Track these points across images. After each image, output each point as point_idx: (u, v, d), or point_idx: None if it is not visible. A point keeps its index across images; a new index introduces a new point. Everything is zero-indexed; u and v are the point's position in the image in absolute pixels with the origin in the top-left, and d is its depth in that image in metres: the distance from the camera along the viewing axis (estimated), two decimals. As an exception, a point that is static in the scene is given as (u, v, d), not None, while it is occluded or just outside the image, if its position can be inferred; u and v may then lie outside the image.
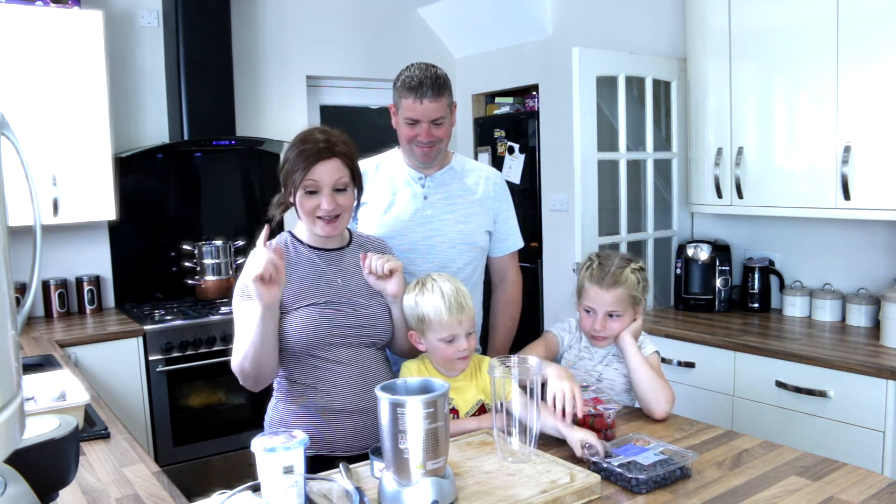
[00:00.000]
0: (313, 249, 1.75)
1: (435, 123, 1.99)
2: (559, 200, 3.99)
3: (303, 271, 1.71)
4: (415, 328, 1.71)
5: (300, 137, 1.70)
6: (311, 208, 1.67)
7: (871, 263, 2.79)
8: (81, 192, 3.18)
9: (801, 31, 2.62)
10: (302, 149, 1.66)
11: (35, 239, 0.83)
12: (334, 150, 1.67)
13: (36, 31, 3.03)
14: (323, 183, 1.66)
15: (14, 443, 0.61)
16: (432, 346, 1.69)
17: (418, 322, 1.69)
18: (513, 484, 1.37)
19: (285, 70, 4.10)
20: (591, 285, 1.88)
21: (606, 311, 1.86)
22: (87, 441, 1.75)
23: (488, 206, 2.14)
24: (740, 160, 2.86)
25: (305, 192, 1.66)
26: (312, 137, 1.68)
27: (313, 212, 1.68)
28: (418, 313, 1.68)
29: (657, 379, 1.82)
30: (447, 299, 1.65)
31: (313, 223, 1.69)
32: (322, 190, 1.66)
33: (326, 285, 1.70)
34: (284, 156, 1.71)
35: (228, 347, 3.31)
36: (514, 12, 4.04)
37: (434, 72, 1.98)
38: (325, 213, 1.67)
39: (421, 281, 1.72)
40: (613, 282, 1.85)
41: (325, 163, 1.65)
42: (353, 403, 1.67)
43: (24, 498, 0.91)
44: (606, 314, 1.86)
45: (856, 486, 1.39)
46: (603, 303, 1.86)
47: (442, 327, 1.65)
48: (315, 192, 1.66)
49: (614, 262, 1.89)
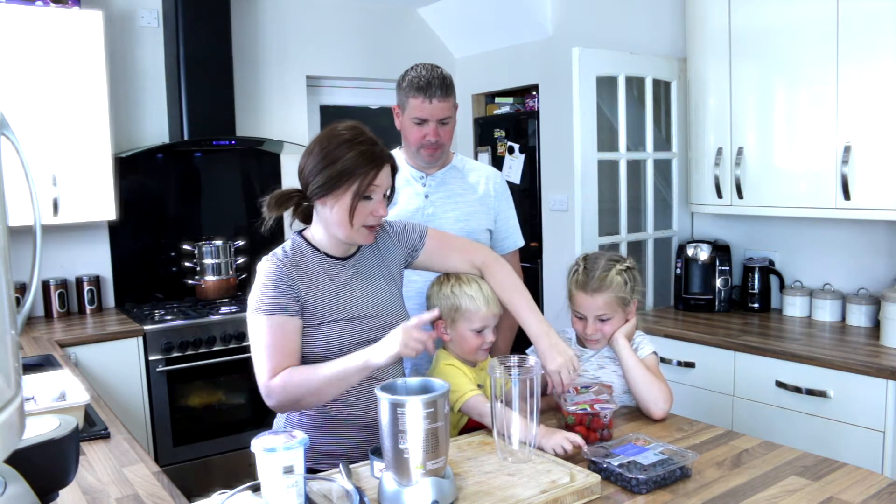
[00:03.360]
0: (329, 258, 1.65)
1: (442, 123, 2.02)
2: (559, 200, 3.99)
3: (324, 282, 1.62)
4: (445, 317, 1.75)
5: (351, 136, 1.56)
6: (365, 214, 1.56)
7: (871, 263, 2.79)
8: (81, 192, 3.18)
9: (801, 31, 2.62)
10: (364, 150, 1.54)
11: (35, 239, 0.83)
12: (385, 154, 1.59)
13: (36, 31, 3.03)
14: (381, 188, 1.57)
15: (14, 443, 0.61)
16: (461, 336, 1.75)
17: (451, 311, 1.74)
18: (513, 484, 1.37)
19: (285, 70, 4.11)
20: (578, 291, 1.87)
21: (595, 315, 1.86)
22: (87, 441, 1.75)
23: (489, 204, 2.16)
24: (740, 160, 2.86)
25: (362, 197, 1.55)
26: (367, 138, 1.57)
27: (365, 218, 1.57)
28: (454, 303, 1.74)
29: (653, 379, 1.81)
30: (484, 292, 1.75)
31: (358, 231, 1.58)
32: (378, 195, 1.57)
33: (347, 298, 1.63)
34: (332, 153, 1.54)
35: (228, 347, 3.34)
36: (514, 12, 4.04)
37: (440, 72, 2.02)
38: (377, 220, 1.58)
39: (454, 275, 1.79)
40: (598, 286, 1.84)
41: (386, 167, 1.57)
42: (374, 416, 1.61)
43: (24, 498, 0.91)
44: (596, 318, 1.86)
45: (856, 486, 1.39)
46: (590, 308, 1.85)
47: (478, 318, 1.73)
48: (370, 197, 1.56)
49: (599, 265, 1.86)
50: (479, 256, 1.82)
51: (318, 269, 1.62)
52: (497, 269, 1.80)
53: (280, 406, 1.57)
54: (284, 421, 1.68)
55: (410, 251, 1.78)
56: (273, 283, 1.56)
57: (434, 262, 1.81)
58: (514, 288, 1.79)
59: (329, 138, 1.57)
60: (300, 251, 1.64)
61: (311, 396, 1.53)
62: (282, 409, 1.59)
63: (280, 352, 1.54)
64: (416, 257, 1.78)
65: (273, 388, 1.53)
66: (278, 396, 1.53)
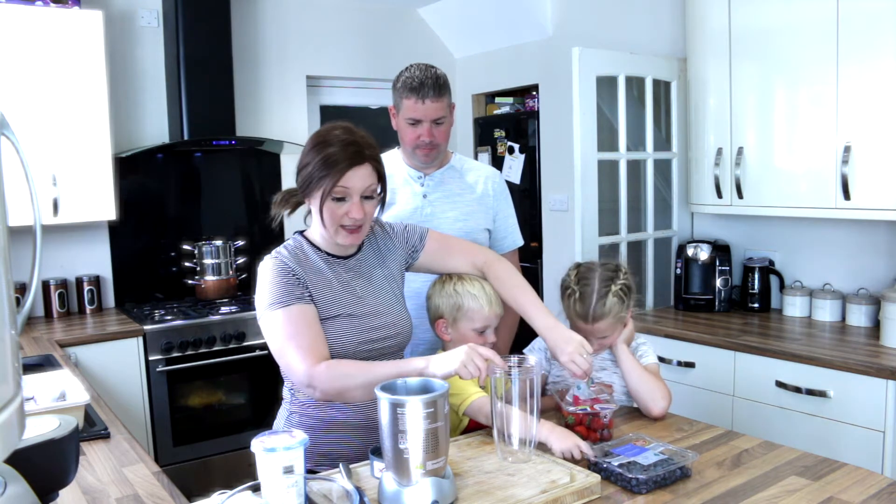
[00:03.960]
0: (329, 256, 1.65)
1: (436, 123, 2.02)
2: (559, 200, 3.99)
3: (327, 278, 1.61)
4: (446, 317, 1.76)
5: (323, 138, 1.57)
6: (338, 216, 1.56)
7: (871, 263, 2.79)
8: (81, 192, 3.18)
9: (801, 31, 2.62)
10: (330, 152, 1.53)
11: (35, 239, 0.83)
12: (364, 155, 1.55)
13: (36, 31, 3.03)
14: (353, 190, 1.55)
15: (14, 443, 0.61)
16: (462, 336, 1.75)
17: (453, 310, 1.75)
18: (513, 484, 1.37)
19: (285, 70, 4.11)
20: (577, 320, 1.84)
21: (596, 338, 1.84)
22: (87, 441, 1.75)
23: (488, 204, 2.16)
24: (740, 160, 2.86)
25: (333, 198, 1.55)
26: (338, 139, 1.55)
27: (339, 220, 1.57)
28: (455, 302, 1.74)
29: (651, 378, 1.82)
30: (486, 291, 1.75)
31: (336, 232, 1.58)
32: (352, 197, 1.55)
33: (349, 297, 1.62)
34: (306, 156, 1.58)
35: (228, 347, 3.34)
36: (514, 12, 4.04)
37: (434, 72, 2.01)
38: (352, 222, 1.57)
39: (456, 274, 1.79)
40: (598, 315, 1.81)
41: (356, 169, 1.54)
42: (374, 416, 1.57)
43: (24, 498, 0.91)
44: (597, 338, 1.85)
45: (856, 486, 1.39)
46: (591, 333, 1.83)
47: (481, 317, 1.74)
48: (343, 199, 1.55)
49: (594, 288, 1.82)
50: (480, 257, 1.82)
51: (320, 266, 1.63)
52: (499, 268, 1.80)
53: (325, 394, 1.51)
54: (285, 422, 1.67)
55: (411, 252, 1.78)
56: (281, 277, 1.56)
57: (435, 264, 1.81)
58: (517, 285, 1.78)
59: (310, 140, 1.60)
60: (301, 249, 1.65)
61: (361, 390, 1.48)
62: (326, 396, 1.53)
63: (309, 336, 1.51)
64: (416, 258, 1.78)
65: (317, 374, 1.48)
66: (324, 383, 1.48)
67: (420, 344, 1.97)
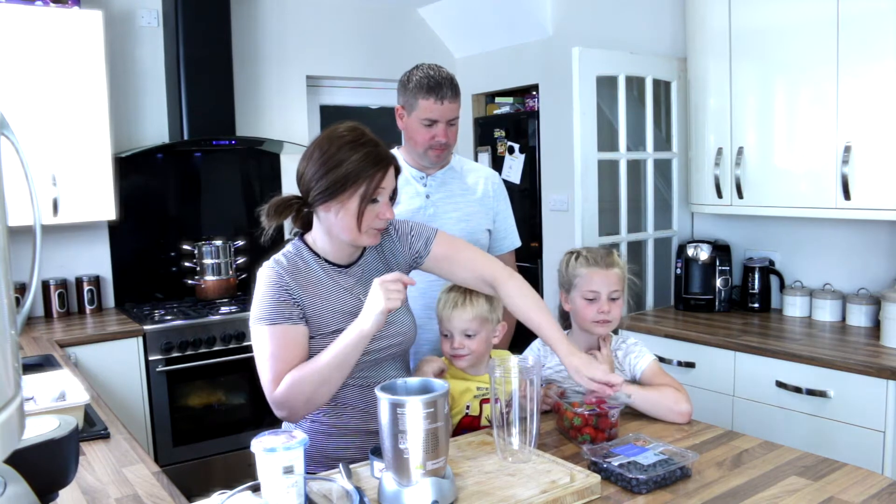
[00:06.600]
0: (330, 265, 1.60)
1: (450, 124, 2.03)
2: (559, 200, 3.99)
3: (326, 289, 1.57)
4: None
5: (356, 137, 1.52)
6: (370, 218, 1.52)
7: (871, 263, 2.79)
8: (81, 192, 3.18)
9: (801, 32, 2.62)
10: (370, 150, 1.50)
11: (35, 239, 0.83)
12: (388, 157, 1.54)
13: (36, 31, 3.03)
14: (387, 190, 1.54)
15: (14, 443, 0.61)
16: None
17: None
18: (513, 484, 1.37)
19: (285, 70, 4.11)
20: (590, 269, 1.86)
21: (609, 291, 1.85)
22: (87, 441, 1.75)
23: (488, 205, 2.17)
24: (740, 160, 2.86)
25: (369, 200, 1.51)
26: (370, 139, 1.53)
27: (371, 223, 1.53)
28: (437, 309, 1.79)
29: (661, 391, 1.78)
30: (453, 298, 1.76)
31: (358, 236, 1.54)
32: (383, 197, 1.53)
33: (351, 305, 1.57)
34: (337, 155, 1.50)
35: (228, 347, 3.34)
36: (514, 12, 4.04)
37: (447, 73, 2.03)
38: (383, 224, 1.55)
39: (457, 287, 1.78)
40: (611, 262, 1.88)
41: (389, 169, 1.53)
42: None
43: (24, 498, 0.91)
44: (608, 297, 1.85)
45: (856, 486, 1.39)
46: (606, 283, 1.84)
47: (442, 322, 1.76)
48: (376, 199, 1.52)
49: (599, 249, 1.94)
50: (488, 271, 1.71)
51: (320, 276, 1.58)
52: (511, 288, 1.70)
53: (292, 413, 1.51)
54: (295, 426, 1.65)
55: (415, 257, 1.71)
56: (273, 292, 1.52)
57: (440, 272, 1.74)
58: (531, 307, 1.69)
59: (330, 141, 1.52)
60: (301, 257, 1.59)
61: (321, 387, 1.48)
62: (295, 415, 1.52)
63: (283, 361, 1.49)
64: (420, 264, 1.72)
65: (278, 396, 1.48)
66: (286, 403, 1.48)
67: (424, 344, 1.97)
